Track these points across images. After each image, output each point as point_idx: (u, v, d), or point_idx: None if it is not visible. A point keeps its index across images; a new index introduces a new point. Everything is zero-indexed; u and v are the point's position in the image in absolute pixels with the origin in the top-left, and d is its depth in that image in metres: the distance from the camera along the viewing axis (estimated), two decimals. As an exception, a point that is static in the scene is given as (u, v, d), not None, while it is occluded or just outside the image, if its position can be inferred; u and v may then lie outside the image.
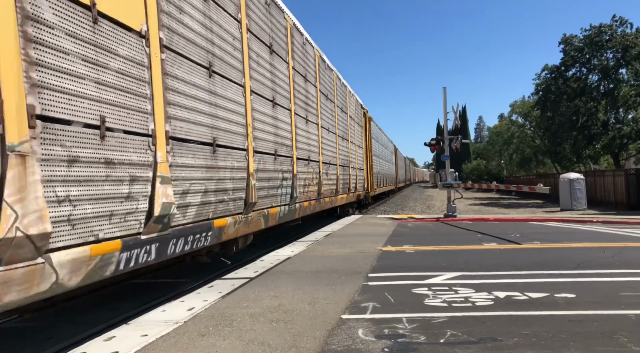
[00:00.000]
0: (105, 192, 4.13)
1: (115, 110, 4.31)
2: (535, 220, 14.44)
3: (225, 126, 6.57)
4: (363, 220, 15.77)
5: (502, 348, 3.60)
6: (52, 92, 3.60)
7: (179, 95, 5.40)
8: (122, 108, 4.41)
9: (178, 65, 5.40)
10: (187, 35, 5.60)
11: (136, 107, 4.61)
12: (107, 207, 4.14)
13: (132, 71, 4.58)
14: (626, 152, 34.33)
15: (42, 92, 3.49)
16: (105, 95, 4.19)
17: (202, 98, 5.97)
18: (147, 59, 4.82)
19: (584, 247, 8.67)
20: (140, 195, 4.59)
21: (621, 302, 4.80)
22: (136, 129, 4.59)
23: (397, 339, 3.86)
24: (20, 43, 3.30)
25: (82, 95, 3.91)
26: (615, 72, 30.18)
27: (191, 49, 5.70)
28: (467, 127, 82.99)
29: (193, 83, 5.73)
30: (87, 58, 4.00)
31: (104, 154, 4.12)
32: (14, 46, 3.24)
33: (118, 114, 4.35)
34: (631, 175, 20.30)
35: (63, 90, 3.71)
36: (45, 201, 3.39)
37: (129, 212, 4.45)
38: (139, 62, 4.68)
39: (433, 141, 17.55)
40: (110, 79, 4.27)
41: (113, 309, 5.97)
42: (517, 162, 49.53)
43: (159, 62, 4.99)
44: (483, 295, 5.22)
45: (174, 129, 5.24)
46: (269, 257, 8.31)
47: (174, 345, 3.90)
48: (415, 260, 7.75)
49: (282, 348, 3.75)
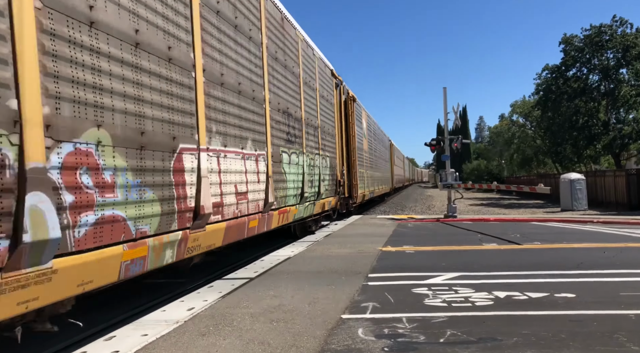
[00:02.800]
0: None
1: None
2: (535, 221, 14.43)
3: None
4: (363, 221, 15.76)
5: (502, 348, 3.60)
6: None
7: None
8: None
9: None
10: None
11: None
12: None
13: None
14: (627, 152, 34.34)
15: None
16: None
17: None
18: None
19: (584, 247, 8.66)
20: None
21: (621, 301, 4.80)
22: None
23: (397, 339, 3.87)
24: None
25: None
26: (615, 72, 30.17)
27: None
28: (468, 127, 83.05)
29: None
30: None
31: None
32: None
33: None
34: (632, 175, 20.27)
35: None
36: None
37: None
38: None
39: (433, 141, 17.55)
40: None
41: (113, 309, 5.98)
42: (518, 162, 49.54)
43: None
44: (483, 295, 5.22)
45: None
46: (269, 257, 8.32)
47: (174, 344, 3.90)
48: (415, 260, 7.75)
49: (282, 348, 3.76)
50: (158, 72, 4.88)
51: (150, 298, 6.48)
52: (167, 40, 5.04)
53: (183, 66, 5.35)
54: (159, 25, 4.91)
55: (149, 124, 4.66)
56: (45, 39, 3.47)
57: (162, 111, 4.90)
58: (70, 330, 5.11)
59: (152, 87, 4.77)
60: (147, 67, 4.69)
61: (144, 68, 4.65)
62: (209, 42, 6.08)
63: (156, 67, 4.85)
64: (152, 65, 4.78)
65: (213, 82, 6.14)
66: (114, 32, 4.23)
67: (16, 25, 3.19)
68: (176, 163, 5.08)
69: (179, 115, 5.22)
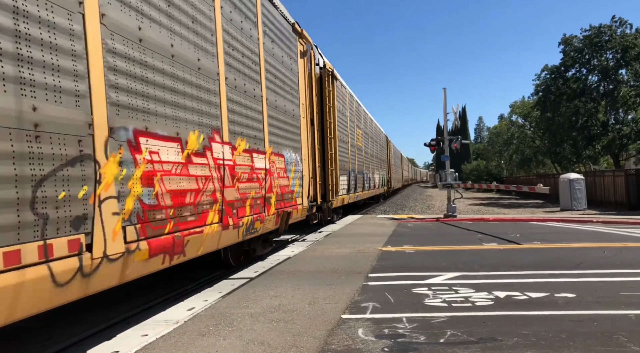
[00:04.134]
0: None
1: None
2: (535, 221, 14.44)
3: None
4: (363, 220, 15.77)
5: (502, 348, 3.60)
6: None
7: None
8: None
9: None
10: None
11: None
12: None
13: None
14: (626, 152, 34.32)
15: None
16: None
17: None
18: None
19: (583, 247, 8.67)
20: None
21: (621, 301, 4.80)
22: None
23: (397, 339, 3.87)
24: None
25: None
26: (614, 73, 30.16)
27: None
28: (467, 127, 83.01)
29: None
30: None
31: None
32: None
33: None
34: (631, 175, 20.28)
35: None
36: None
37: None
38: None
39: (433, 141, 17.56)
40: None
41: (113, 309, 5.97)
42: (517, 162, 49.52)
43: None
44: (483, 295, 5.22)
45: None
46: (269, 257, 8.32)
47: (174, 344, 3.90)
48: (415, 260, 7.75)
49: (282, 348, 3.76)
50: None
51: (150, 298, 6.48)
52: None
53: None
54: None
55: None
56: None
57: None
58: (70, 330, 5.11)
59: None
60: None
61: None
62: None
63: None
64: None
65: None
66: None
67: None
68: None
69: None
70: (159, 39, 5.02)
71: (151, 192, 4.63)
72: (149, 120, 4.74)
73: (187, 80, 5.57)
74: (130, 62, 4.52)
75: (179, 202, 5.13)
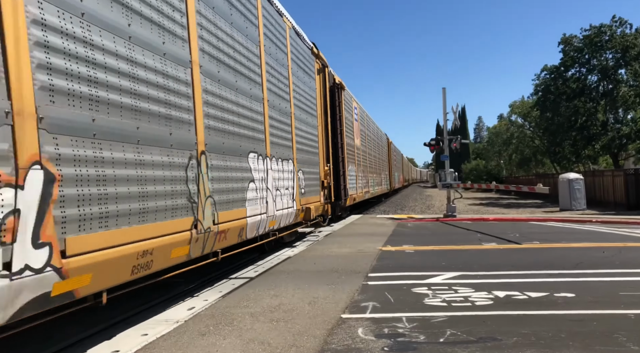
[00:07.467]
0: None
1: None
2: (534, 220, 14.45)
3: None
4: (363, 220, 15.77)
5: (501, 348, 3.61)
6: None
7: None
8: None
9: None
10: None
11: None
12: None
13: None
14: (625, 152, 34.33)
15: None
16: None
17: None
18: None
19: (583, 246, 8.68)
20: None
21: (620, 301, 4.81)
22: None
23: (396, 338, 3.87)
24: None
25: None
26: (614, 73, 30.17)
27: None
28: (467, 127, 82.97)
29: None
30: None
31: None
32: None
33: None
34: (630, 175, 20.29)
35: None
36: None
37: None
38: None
39: (433, 141, 17.57)
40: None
41: (113, 309, 5.97)
42: (517, 162, 49.56)
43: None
44: (483, 294, 5.23)
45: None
46: (269, 257, 8.32)
47: (175, 344, 3.91)
48: (415, 259, 7.75)
49: (282, 347, 3.76)
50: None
51: (151, 298, 6.48)
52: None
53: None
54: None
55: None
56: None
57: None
58: (71, 330, 5.11)
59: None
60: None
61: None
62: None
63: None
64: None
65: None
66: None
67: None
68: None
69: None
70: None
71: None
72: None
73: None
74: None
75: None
